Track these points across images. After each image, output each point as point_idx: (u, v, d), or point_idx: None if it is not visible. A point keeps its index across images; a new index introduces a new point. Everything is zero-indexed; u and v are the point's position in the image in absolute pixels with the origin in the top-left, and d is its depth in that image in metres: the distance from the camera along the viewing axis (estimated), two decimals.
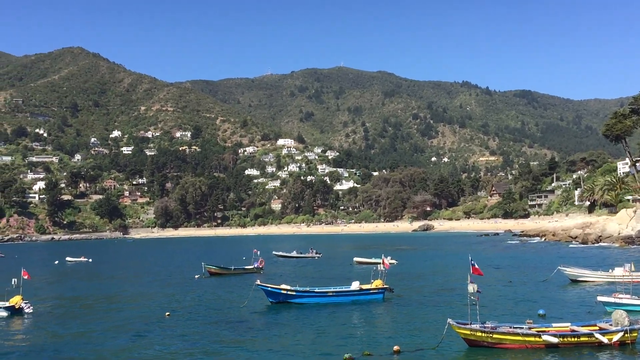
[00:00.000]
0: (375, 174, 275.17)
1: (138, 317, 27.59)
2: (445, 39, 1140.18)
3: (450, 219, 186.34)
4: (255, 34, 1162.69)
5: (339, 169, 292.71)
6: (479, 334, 19.48)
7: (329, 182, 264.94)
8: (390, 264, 33.26)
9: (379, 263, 32.37)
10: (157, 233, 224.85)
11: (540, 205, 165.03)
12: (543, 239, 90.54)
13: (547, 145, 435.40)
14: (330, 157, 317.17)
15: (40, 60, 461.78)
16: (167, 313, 27.97)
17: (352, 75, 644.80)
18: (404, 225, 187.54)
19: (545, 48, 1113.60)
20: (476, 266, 20.84)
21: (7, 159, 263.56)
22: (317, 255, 70.22)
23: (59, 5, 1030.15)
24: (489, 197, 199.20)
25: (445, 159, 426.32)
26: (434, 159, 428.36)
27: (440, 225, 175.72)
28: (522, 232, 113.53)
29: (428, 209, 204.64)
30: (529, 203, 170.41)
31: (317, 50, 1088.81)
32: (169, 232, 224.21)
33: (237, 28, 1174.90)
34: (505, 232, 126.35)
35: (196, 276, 47.51)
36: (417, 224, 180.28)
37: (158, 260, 75.66)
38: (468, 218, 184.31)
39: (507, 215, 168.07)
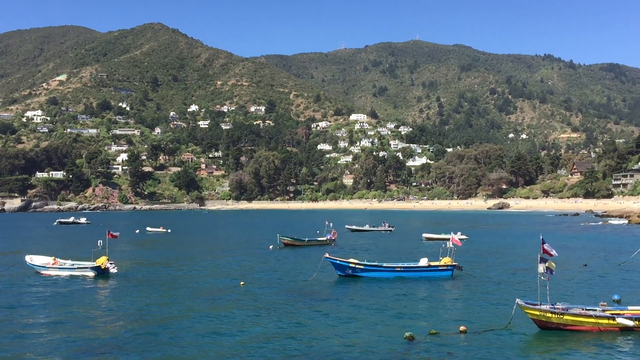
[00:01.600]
0: (450, 150, 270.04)
1: (214, 285, 28.78)
2: (526, 9, 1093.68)
3: (527, 198, 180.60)
4: (330, 8, 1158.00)
5: (412, 145, 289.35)
6: (549, 315, 18.92)
7: (401, 158, 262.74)
8: (460, 239, 32.83)
9: (448, 239, 32.16)
10: (232, 205, 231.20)
11: (625, 185, 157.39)
12: (627, 221, 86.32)
13: (635, 122, 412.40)
14: (403, 133, 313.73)
15: (123, 36, 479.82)
16: (242, 282, 29.00)
17: (428, 49, 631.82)
18: (478, 203, 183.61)
19: (636, 18, 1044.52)
20: (546, 246, 20.32)
21: (93, 131, 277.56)
22: (390, 228, 70.12)
23: None
24: (569, 176, 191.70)
25: (524, 136, 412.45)
26: (511, 135, 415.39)
27: (517, 203, 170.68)
28: (604, 212, 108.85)
29: (504, 186, 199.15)
30: (613, 182, 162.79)
31: (391, 24, 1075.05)
32: (243, 205, 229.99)
33: (312, 2, 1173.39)
34: (586, 212, 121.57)
35: (270, 247, 48.79)
36: (491, 202, 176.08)
37: (233, 231, 77.95)
38: (546, 197, 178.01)
39: (588, 195, 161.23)
